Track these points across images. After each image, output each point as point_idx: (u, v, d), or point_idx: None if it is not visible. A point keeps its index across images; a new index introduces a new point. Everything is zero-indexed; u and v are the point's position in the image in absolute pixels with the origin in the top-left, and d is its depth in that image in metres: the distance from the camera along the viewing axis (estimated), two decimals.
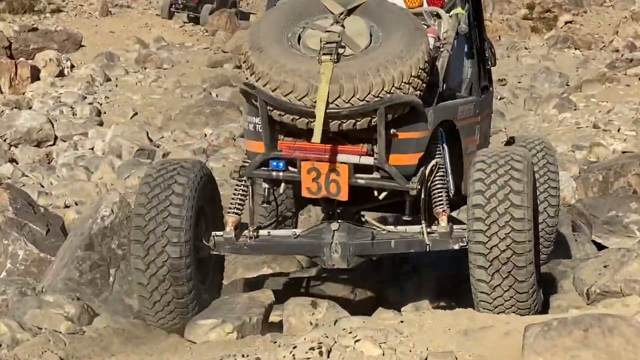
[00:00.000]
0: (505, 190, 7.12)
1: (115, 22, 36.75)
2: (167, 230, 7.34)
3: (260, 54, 7.20)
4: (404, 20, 7.47)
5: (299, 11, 7.58)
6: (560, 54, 34.55)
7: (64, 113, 23.71)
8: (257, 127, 7.46)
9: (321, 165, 7.30)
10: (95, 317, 7.58)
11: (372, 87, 7.03)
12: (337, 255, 7.73)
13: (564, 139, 19.94)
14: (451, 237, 7.58)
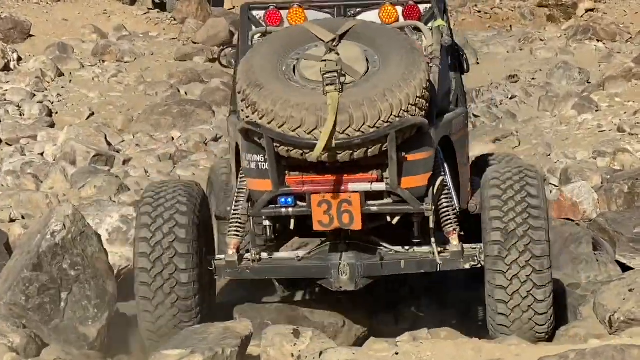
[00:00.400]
0: (523, 208, 8.21)
1: (69, 9, 36.68)
2: (174, 257, 8.30)
3: (260, 91, 7.97)
4: (398, 41, 8.40)
5: (287, 42, 8.43)
6: (580, 47, 34.60)
7: (10, 113, 23.65)
8: (259, 165, 8.25)
9: (332, 196, 8.14)
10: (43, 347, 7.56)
11: (382, 113, 7.87)
12: (345, 277, 8.47)
13: (584, 144, 19.99)
14: (462, 256, 8.50)
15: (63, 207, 8.28)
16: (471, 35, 36.64)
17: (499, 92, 27.53)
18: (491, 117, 24.60)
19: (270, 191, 8.25)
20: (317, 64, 8.14)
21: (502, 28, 39.85)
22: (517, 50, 34.62)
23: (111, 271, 8.26)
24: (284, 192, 8.25)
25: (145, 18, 37.29)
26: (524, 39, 36.10)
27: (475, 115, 24.81)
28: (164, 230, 8.31)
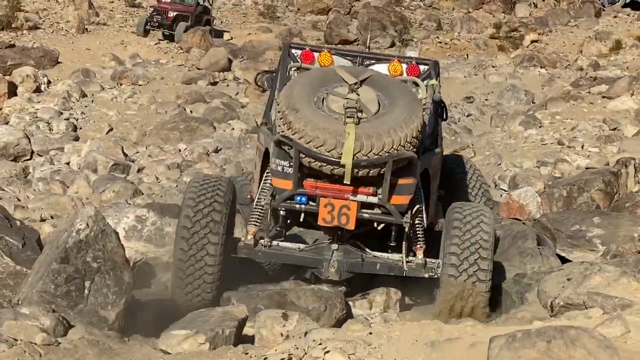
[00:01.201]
0: (476, 245, 9.14)
1: (91, 39, 36.66)
2: (208, 234, 9.24)
3: (296, 114, 8.95)
4: (404, 92, 9.43)
5: (321, 79, 9.38)
6: (526, 72, 34.69)
7: (41, 128, 23.61)
8: (284, 168, 9.18)
9: (336, 201, 9.11)
10: (70, 328, 7.54)
11: (385, 145, 8.86)
12: (333, 269, 9.43)
13: (530, 155, 20.03)
14: (424, 267, 9.43)
15: (86, 209, 8.24)
16: None
17: (457, 111, 27.58)
18: (451, 132, 24.60)
19: (290, 190, 9.15)
20: (341, 99, 9.08)
21: (460, 56, 39.93)
22: (473, 75, 34.70)
23: (127, 263, 8.23)
24: (300, 192, 9.16)
25: (156, 48, 37.28)
26: (479, 66, 36.21)
27: None
28: (204, 212, 9.29)
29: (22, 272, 9.23)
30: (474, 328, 6.74)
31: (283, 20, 46.44)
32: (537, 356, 5.49)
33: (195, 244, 9.20)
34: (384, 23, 43.08)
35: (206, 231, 9.23)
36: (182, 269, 9.25)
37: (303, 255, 9.65)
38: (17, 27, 35.49)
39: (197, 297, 9.27)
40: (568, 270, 8.82)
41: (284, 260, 10.03)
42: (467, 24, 46.70)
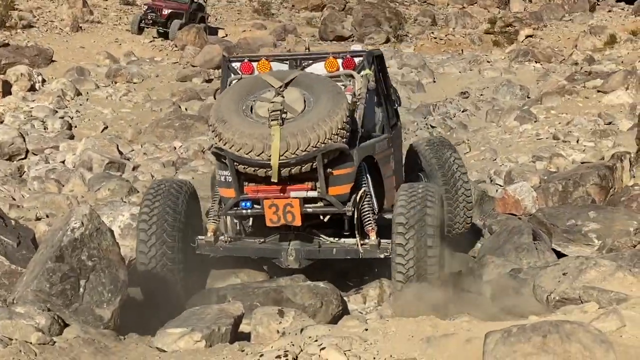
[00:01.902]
0: (420, 214, 9.46)
1: (85, 38, 36.60)
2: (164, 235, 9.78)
3: (224, 125, 9.34)
4: (327, 87, 9.69)
5: (248, 88, 9.76)
6: (521, 67, 34.70)
7: (36, 127, 23.55)
8: (227, 178, 9.60)
9: (279, 201, 9.50)
10: (65, 327, 7.53)
11: (311, 141, 9.19)
12: (291, 258, 9.93)
13: (525, 150, 20.04)
14: (379, 248, 9.79)
15: (81, 207, 8.23)
16: (428, 58, 36.67)
17: (453, 107, 27.58)
18: (446, 127, 24.63)
19: (233, 197, 9.65)
20: (267, 104, 9.43)
21: (455, 52, 39.91)
22: (468, 71, 34.68)
23: (123, 262, 8.22)
24: (243, 198, 9.63)
25: (150, 45, 37.24)
26: (474, 61, 36.17)
27: (432, 126, 24.82)
28: (158, 215, 9.86)
29: (17, 271, 9.21)
30: (469, 323, 6.73)
31: (277, 17, 46.42)
32: (532, 351, 5.49)
33: (154, 245, 9.82)
34: (378, 19, 43.08)
35: (162, 238, 9.81)
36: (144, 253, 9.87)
37: (262, 247, 10.19)
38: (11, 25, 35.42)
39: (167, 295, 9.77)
40: (564, 264, 8.80)
41: (244, 253, 10.50)
42: (461, 19, 46.70)
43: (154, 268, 9.79)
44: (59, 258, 7.84)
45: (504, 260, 10.79)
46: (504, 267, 10.37)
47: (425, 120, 25.89)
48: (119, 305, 8.03)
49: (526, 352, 5.49)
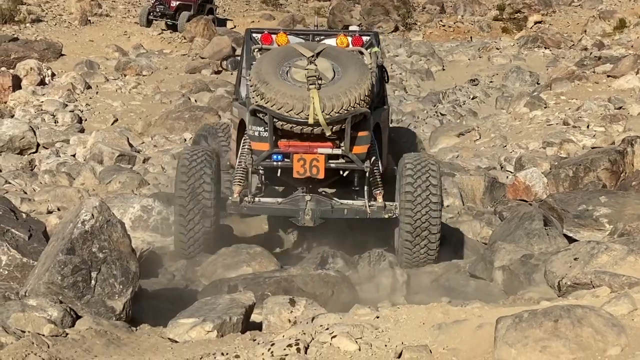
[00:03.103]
0: (427, 184, 10.92)
1: (94, 31, 36.60)
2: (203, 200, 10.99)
3: (267, 86, 10.53)
4: (353, 60, 11.10)
5: (283, 55, 10.97)
6: (530, 54, 34.60)
7: (46, 121, 23.58)
8: (260, 133, 10.80)
9: (306, 156, 10.74)
10: (77, 319, 7.54)
11: (344, 104, 10.45)
12: (308, 217, 11.04)
13: (535, 136, 19.99)
14: (384, 209, 11.17)
15: (91, 200, 8.22)
16: (437, 46, 36.60)
17: (462, 94, 27.51)
18: (456, 115, 24.57)
19: (267, 150, 10.77)
20: (302, 70, 10.65)
21: (464, 39, 39.83)
22: (477, 58, 34.61)
23: (133, 253, 8.21)
24: (276, 151, 10.79)
25: (159, 38, 37.21)
26: (483, 48, 36.10)
27: (442, 113, 24.77)
28: (196, 176, 11.00)
29: (28, 264, 9.23)
30: (481, 310, 6.71)
31: (286, 7, 46.39)
32: (544, 336, 5.49)
33: (192, 210, 10.95)
34: (386, 8, 43.00)
35: (200, 197, 10.95)
36: (184, 226, 10.96)
37: (281, 207, 11.31)
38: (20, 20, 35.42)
39: (198, 248, 11.08)
40: (575, 249, 8.78)
41: (266, 212, 12.00)
42: (470, 6, 46.57)
43: (193, 244, 11.04)
44: (70, 250, 7.84)
45: (515, 246, 10.77)
46: (515, 253, 10.35)
47: (435, 108, 25.84)
48: (130, 297, 8.02)
49: (538, 337, 5.48)
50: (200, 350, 6.88)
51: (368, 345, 6.00)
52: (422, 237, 10.93)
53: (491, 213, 13.81)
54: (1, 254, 9.41)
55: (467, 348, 5.83)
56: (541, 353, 5.43)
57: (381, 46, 12.04)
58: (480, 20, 43.45)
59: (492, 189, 14.87)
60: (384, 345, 6.01)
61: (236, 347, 6.83)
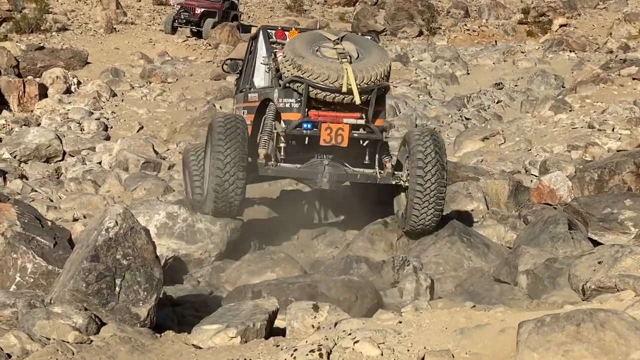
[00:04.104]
0: (435, 152, 11.84)
1: (119, 39, 36.81)
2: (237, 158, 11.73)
3: (303, 59, 11.67)
4: (373, 43, 12.55)
5: (311, 38, 12.16)
6: (555, 57, 34.52)
7: (72, 129, 23.75)
8: (291, 104, 11.95)
9: (333, 125, 11.88)
10: (102, 326, 7.57)
11: (372, 77, 11.67)
12: (325, 180, 12.16)
13: (560, 139, 19.93)
14: (392, 176, 12.21)
15: (115, 207, 8.25)
16: (462, 50, 36.56)
17: (487, 98, 27.48)
18: (480, 119, 24.53)
19: (299, 119, 11.87)
20: (331, 49, 11.83)
21: (489, 43, 39.77)
22: (502, 62, 34.56)
23: (157, 260, 8.22)
24: (306, 120, 11.87)
25: (184, 45, 37.38)
26: (507, 52, 36.04)
27: (467, 118, 24.74)
28: (234, 139, 11.75)
29: (54, 272, 9.27)
30: (503, 314, 6.70)
31: (310, 13, 46.47)
32: (566, 340, 5.47)
33: (229, 163, 11.69)
34: (411, 12, 42.98)
35: (236, 160, 11.69)
36: (220, 185, 11.67)
37: (302, 170, 12.35)
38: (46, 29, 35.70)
39: (233, 201, 11.80)
40: (599, 253, 8.76)
41: (288, 175, 12.90)
42: (494, 10, 46.51)
43: (227, 196, 11.77)
44: (95, 257, 7.86)
45: (539, 250, 10.72)
46: (540, 257, 10.30)
47: (460, 112, 25.82)
48: (154, 304, 8.04)
49: (560, 342, 5.46)
50: (223, 357, 6.90)
51: (390, 350, 6.01)
52: (431, 202, 11.78)
53: (516, 217, 13.75)
54: (27, 262, 9.46)
55: (490, 352, 5.82)
56: (563, 357, 5.41)
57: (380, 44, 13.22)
58: (505, 24, 43.37)
59: (517, 193, 14.81)
60: (406, 350, 6.01)
61: (259, 353, 6.85)
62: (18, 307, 8.24)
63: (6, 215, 10.01)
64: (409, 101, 28.05)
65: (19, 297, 8.44)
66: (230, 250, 11.92)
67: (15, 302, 8.32)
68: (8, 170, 19.15)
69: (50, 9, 38.70)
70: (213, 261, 11.59)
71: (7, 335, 7.14)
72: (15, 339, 7.04)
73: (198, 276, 11.22)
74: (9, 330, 7.36)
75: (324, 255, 12.60)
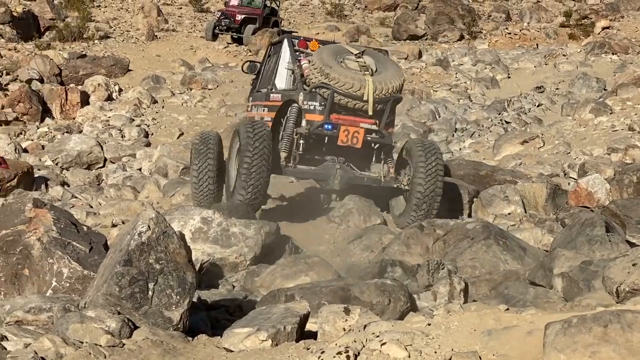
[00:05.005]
0: (435, 162, 13.60)
1: (161, 46, 37.02)
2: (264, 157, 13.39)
3: (331, 68, 13.24)
4: (388, 59, 14.35)
5: (336, 51, 13.72)
6: (597, 60, 34.29)
7: (113, 136, 23.93)
8: (315, 107, 13.54)
9: (351, 128, 13.51)
10: (135, 329, 7.63)
11: (389, 90, 13.36)
12: (337, 181, 13.74)
13: (600, 142, 19.81)
14: (395, 180, 14.03)
15: (147, 212, 8.31)
16: (502, 54, 36.42)
17: (527, 101, 27.36)
18: (520, 122, 24.43)
19: (322, 120, 13.48)
20: (355, 62, 13.46)
21: (530, 46, 39.54)
22: (543, 65, 34.38)
23: (190, 264, 8.26)
24: (328, 121, 13.48)
25: (225, 51, 37.52)
26: (549, 55, 35.85)
27: (507, 121, 24.64)
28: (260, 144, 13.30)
29: (89, 277, 9.37)
30: (534, 316, 6.67)
31: (351, 18, 46.48)
32: (593, 341, 5.44)
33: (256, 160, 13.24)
34: (451, 16, 42.88)
35: (261, 158, 13.24)
36: (247, 179, 13.21)
37: (317, 172, 14.08)
38: (88, 37, 35.97)
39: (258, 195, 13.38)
40: (633, 255, 8.69)
41: (304, 176, 14.59)
42: (536, 13, 46.29)
43: (252, 190, 13.31)
44: (128, 262, 7.92)
45: (575, 252, 10.65)
46: (575, 260, 10.24)
47: (500, 116, 25.72)
48: (187, 307, 8.08)
49: (587, 343, 5.44)
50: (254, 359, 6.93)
51: (417, 352, 6.01)
52: (429, 203, 13.54)
53: (553, 220, 13.70)
54: (63, 267, 9.57)
55: (517, 354, 5.81)
56: (590, 359, 5.38)
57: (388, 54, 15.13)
58: (547, 27, 43.14)
59: (555, 196, 14.75)
60: (433, 352, 6.01)
61: (289, 356, 6.87)
62: (54, 312, 8.35)
63: (42, 220, 10.12)
64: (449, 105, 28.00)
65: (54, 302, 8.55)
66: (266, 254, 11.97)
67: (51, 306, 8.43)
68: (50, 177, 19.34)
69: (93, 17, 39.03)
70: (248, 265, 11.64)
71: (42, 339, 7.24)
72: (50, 342, 7.13)
73: (233, 280, 11.26)
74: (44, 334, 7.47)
75: (359, 259, 12.60)
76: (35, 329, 8.22)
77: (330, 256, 12.49)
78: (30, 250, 9.85)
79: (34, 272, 9.76)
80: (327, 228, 13.98)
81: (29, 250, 9.86)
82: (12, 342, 7.75)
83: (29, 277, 9.78)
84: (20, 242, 9.97)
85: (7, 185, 17.67)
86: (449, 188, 14.90)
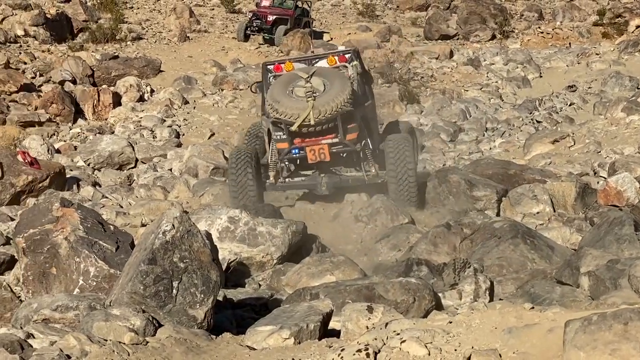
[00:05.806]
0: (403, 151, 15.10)
1: (193, 47, 37.10)
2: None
3: (279, 103, 14.64)
4: (337, 75, 15.15)
5: (288, 80, 14.99)
6: (631, 58, 34.07)
7: (144, 136, 24.02)
8: (281, 136, 15.03)
9: (315, 147, 14.99)
10: (159, 327, 7.67)
11: (333, 107, 14.58)
12: (324, 188, 15.26)
13: (631, 141, 19.69)
14: (378, 176, 15.37)
15: (172, 211, 8.35)
16: (535, 53, 36.27)
17: (559, 101, 27.24)
18: (552, 122, 24.33)
19: (287, 147, 15.05)
20: (302, 88, 14.72)
21: (562, 45, 39.34)
22: (575, 64, 34.21)
23: (215, 262, 8.29)
24: (293, 147, 15.08)
25: (257, 52, 37.54)
26: (582, 54, 35.66)
27: (538, 120, 24.54)
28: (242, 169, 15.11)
29: (115, 275, 9.43)
30: (555, 314, 6.65)
31: (382, 19, 46.41)
32: (613, 339, 5.41)
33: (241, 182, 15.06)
34: (483, 16, 42.73)
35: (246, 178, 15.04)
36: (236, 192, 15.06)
37: (305, 183, 15.63)
38: (121, 38, 36.09)
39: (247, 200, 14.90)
40: None
41: (295, 187, 15.94)
42: (569, 12, 46.03)
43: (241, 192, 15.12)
44: (152, 260, 7.96)
45: (602, 251, 10.61)
46: (602, 259, 10.20)
47: (531, 115, 25.62)
48: (211, 306, 8.11)
49: (607, 340, 5.41)
50: (275, 357, 6.95)
51: (438, 350, 6.01)
52: (406, 189, 14.87)
53: (582, 219, 13.64)
54: (89, 266, 9.64)
55: (537, 352, 5.79)
56: (610, 356, 5.36)
57: (361, 58, 16.69)
58: (580, 26, 42.90)
59: (584, 195, 14.68)
60: (453, 349, 6.00)
61: (311, 354, 6.89)
62: (80, 310, 8.43)
63: (70, 220, 10.19)
64: (480, 105, 27.92)
65: (81, 300, 8.62)
66: (293, 253, 12.00)
67: (77, 304, 8.51)
68: (82, 177, 19.45)
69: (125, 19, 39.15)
70: (275, 264, 11.67)
71: (68, 337, 7.30)
72: (75, 340, 7.19)
73: (259, 279, 11.30)
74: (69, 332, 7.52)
75: (386, 258, 12.59)
76: (62, 327, 8.29)
77: (357, 255, 12.50)
78: (58, 249, 9.93)
79: (62, 270, 9.84)
80: (355, 227, 13.98)
81: (56, 249, 9.94)
82: (39, 339, 7.83)
83: (56, 275, 9.87)
84: (47, 241, 10.05)
85: (39, 186, 17.78)
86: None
